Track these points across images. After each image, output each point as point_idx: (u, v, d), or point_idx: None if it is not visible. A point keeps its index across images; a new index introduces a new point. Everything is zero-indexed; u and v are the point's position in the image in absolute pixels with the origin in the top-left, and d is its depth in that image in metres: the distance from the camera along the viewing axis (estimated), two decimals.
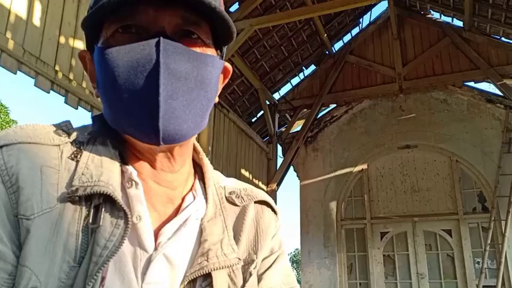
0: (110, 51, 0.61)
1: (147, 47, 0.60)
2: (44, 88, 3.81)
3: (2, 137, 0.61)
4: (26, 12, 3.65)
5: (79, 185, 0.60)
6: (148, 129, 0.60)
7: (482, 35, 7.82)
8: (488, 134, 7.78)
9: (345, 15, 8.51)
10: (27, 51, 3.59)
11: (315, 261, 8.25)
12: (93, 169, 0.63)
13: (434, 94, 8.30)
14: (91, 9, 0.64)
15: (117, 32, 0.63)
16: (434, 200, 7.90)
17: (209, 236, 0.70)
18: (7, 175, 0.58)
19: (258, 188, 0.88)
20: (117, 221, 0.61)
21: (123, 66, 0.60)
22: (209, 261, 0.67)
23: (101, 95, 0.66)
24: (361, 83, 8.52)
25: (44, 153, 0.61)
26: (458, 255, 7.54)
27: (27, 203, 0.58)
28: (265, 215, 0.82)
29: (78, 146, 0.65)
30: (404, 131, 8.29)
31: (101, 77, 0.64)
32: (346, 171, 8.54)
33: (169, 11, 0.63)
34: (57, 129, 0.66)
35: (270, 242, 0.80)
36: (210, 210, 0.73)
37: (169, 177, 0.70)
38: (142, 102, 0.60)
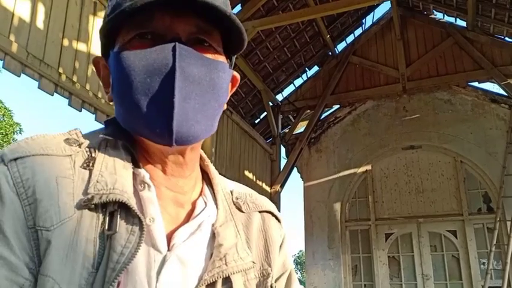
0: (127, 55, 0.64)
1: (163, 51, 0.63)
2: (48, 90, 3.81)
3: (14, 150, 0.62)
4: (30, 15, 3.66)
5: (94, 193, 0.62)
6: (163, 130, 0.63)
7: (485, 34, 7.79)
8: (492, 134, 7.74)
9: (347, 16, 8.50)
10: (30, 53, 3.60)
11: (319, 263, 8.23)
12: (107, 176, 0.64)
13: (438, 94, 8.27)
14: (108, 16, 0.67)
15: (135, 38, 0.66)
16: (439, 201, 7.87)
17: (224, 240, 0.71)
18: (22, 187, 0.59)
19: (261, 189, 0.89)
20: (133, 227, 0.62)
21: (140, 69, 0.63)
22: (228, 265, 0.70)
23: (116, 98, 0.68)
24: (364, 83, 8.50)
25: (57, 164, 0.62)
26: (463, 256, 7.50)
27: (46, 214, 0.59)
28: (272, 225, 0.84)
29: (89, 153, 0.66)
30: (408, 132, 8.27)
31: (117, 80, 0.66)
32: (350, 172, 8.52)
33: (184, 19, 0.66)
34: (67, 138, 0.67)
35: (279, 253, 0.83)
36: (221, 215, 0.75)
37: (179, 182, 0.72)
38: (158, 103, 0.63)
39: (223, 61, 0.70)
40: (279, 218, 0.87)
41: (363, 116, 8.77)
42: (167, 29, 0.66)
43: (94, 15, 4.44)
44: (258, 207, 0.84)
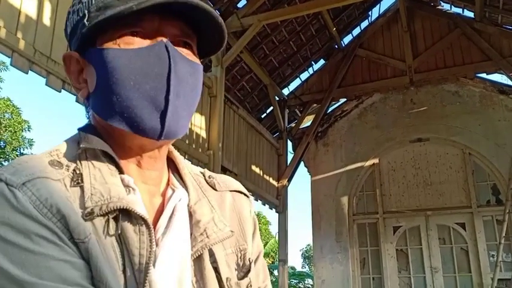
0: (119, 52, 0.68)
1: (157, 50, 0.68)
2: (56, 87, 3.83)
3: (17, 173, 0.63)
4: (36, 12, 3.67)
5: (92, 205, 0.64)
6: (155, 124, 0.67)
7: (493, 25, 7.71)
8: (501, 126, 7.68)
9: (353, 9, 8.44)
10: (38, 50, 3.61)
11: (327, 257, 8.24)
12: (100, 187, 0.66)
13: (446, 86, 8.22)
14: (91, 13, 0.69)
15: (125, 36, 0.69)
16: (447, 194, 7.84)
17: (201, 216, 0.76)
18: (45, 208, 0.61)
19: (269, 184, 0.91)
20: (139, 227, 0.66)
21: (134, 67, 0.67)
22: (209, 237, 0.74)
23: (102, 93, 0.70)
24: (371, 76, 8.46)
25: (58, 186, 0.64)
26: (472, 248, 7.47)
27: (79, 227, 0.61)
28: (243, 204, 0.89)
29: (74, 171, 0.68)
30: (415, 124, 8.23)
31: (106, 76, 0.68)
32: (357, 166, 8.50)
33: (170, 22, 0.71)
34: (50, 161, 0.68)
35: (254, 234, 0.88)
36: (193, 195, 0.79)
37: (152, 175, 0.76)
38: (152, 99, 0.67)
39: (200, 64, 0.75)
40: (249, 197, 0.92)
41: (370, 109, 8.73)
42: (155, 31, 0.70)
43: None
44: (228, 186, 0.88)
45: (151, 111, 0.67)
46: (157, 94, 0.66)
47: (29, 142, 18.88)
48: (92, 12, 0.69)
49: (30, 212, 0.59)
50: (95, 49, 0.70)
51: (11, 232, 0.58)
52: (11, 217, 0.59)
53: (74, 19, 0.73)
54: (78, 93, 0.75)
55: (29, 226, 0.59)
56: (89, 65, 0.72)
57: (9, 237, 0.58)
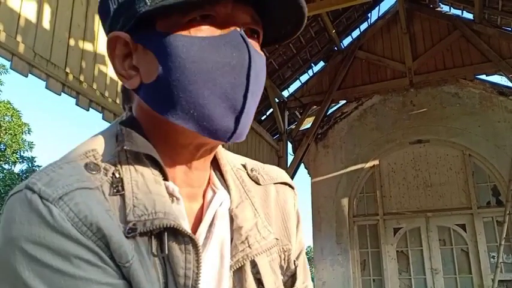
0: (192, 40, 0.59)
1: (236, 43, 0.60)
2: (55, 90, 3.84)
3: (52, 185, 0.55)
4: (36, 16, 3.68)
5: (135, 220, 0.57)
6: (228, 125, 0.60)
7: (493, 27, 7.72)
8: (501, 127, 7.68)
9: (353, 11, 8.46)
10: (37, 54, 3.62)
11: (327, 258, 8.23)
12: (143, 197, 0.59)
13: (446, 88, 8.22)
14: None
15: (195, 20, 0.60)
16: (448, 195, 7.83)
17: (243, 222, 0.69)
18: (84, 225, 0.54)
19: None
20: (185, 246, 0.60)
21: (209, 59, 0.59)
22: (252, 247, 0.68)
23: (166, 85, 0.60)
24: (371, 78, 8.47)
25: (96, 197, 0.57)
26: (473, 250, 7.47)
27: (121, 250, 0.55)
28: (288, 197, 0.82)
29: (113, 175, 0.60)
30: (415, 126, 8.23)
31: (173, 66, 0.59)
32: (357, 168, 8.50)
33: (242, 7, 0.62)
34: (86, 164, 0.60)
35: (297, 229, 0.81)
36: (235, 196, 0.72)
37: (200, 175, 0.69)
38: (227, 96, 0.59)
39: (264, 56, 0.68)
40: (292, 186, 0.85)
41: (370, 111, 8.74)
42: (228, 16, 0.61)
43: None
44: (272, 179, 0.81)
45: (225, 110, 0.59)
46: (234, 91, 0.59)
47: (29, 145, 18.91)
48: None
49: (68, 232, 0.53)
50: (157, 33, 0.60)
51: (48, 254, 0.52)
52: (48, 237, 0.52)
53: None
54: (124, 81, 0.65)
55: (68, 247, 0.53)
56: (145, 50, 0.62)
57: (47, 260, 0.52)
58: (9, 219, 0.54)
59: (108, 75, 4.44)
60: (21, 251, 0.52)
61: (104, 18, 0.68)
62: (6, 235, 0.54)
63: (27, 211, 0.54)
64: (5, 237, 0.54)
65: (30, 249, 0.52)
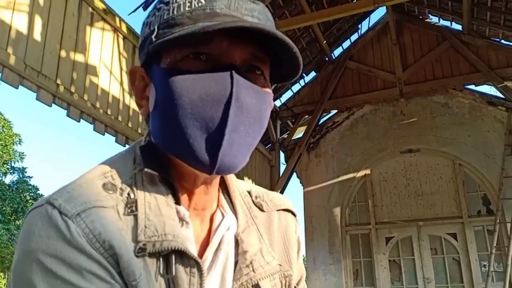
0: (181, 76, 0.62)
1: (220, 78, 0.62)
2: (46, 102, 3.84)
3: (72, 201, 0.59)
4: (27, 27, 3.69)
5: (145, 240, 0.60)
6: (206, 158, 0.62)
7: (481, 38, 7.83)
8: (490, 137, 7.76)
9: (343, 22, 8.55)
10: (28, 65, 3.63)
11: (320, 268, 8.22)
12: (154, 219, 0.62)
13: (435, 98, 8.30)
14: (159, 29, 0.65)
15: (188, 57, 0.64)
16: (439, 204, 7.88)
17: (248, 246, 0.71)
18: (97, 242, 0.57)
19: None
20: (191, 269, 0.63)
21: (193, 93, 0.61)
22: (256, 271, 0.70)
23: (158, 115, 0.66)
24: (361, 88, 8.54)
25: (111, 216, 0.60)
26: (464, 258, 7.50)
27: (129, 268, 0.58)
28: (290, 224, 0.85)
29: (128, 195, 0.64)
30: (406, 136, 8.29)
31: (165, 98, 0.63)
32: (349, 177, 8.53)
33: (240, 45, 0.64)
34: (104, 184, 0.63)
35: (297, 255, 0.84)
36: (242, 222, 0.74)
37: (204, 199, 0.72)
38: (207, 130, 0.61)
39: (270, 92, 0.69)
40: (294, 213, 0.87)
41: (361, 121, 8.79)
42: (223, 54, 0.64)
43: (91, 25, 4.47)
44: (276, 206, 0.84)
45: (203, 144, 0.61)
46: (213, 125, 0.61)
47: (20, 155, 18.77)
48: (161, 28, 0.65)
49: (83, 247, 0.56)
50: (158, 67, 0.66)
51: (62, 267, 0.55)
52: (64, 251, 0.56)
53: (146, 32, 0.69)
54: (139, 108, 0.72)
55: (81, 262, 0.56)
56: (151, 82, 0.68)
57: (60, 273, 0.55)
58: (29, 232, 0.58)
59: (99, 86, 4.45)
60: (38, 263, 0.56)
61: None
62: (25, 247, 0.57)
63: (47, 225, 0.57)
64: (23, 250, 0.58)
65: (46, 261, 0.55)
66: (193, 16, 0.63)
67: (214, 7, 0.63)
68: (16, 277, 0.58)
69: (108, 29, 4.73)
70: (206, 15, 0.63)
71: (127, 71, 4.94)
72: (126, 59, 4.97)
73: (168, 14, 0.65)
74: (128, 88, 4.90)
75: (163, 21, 0.65)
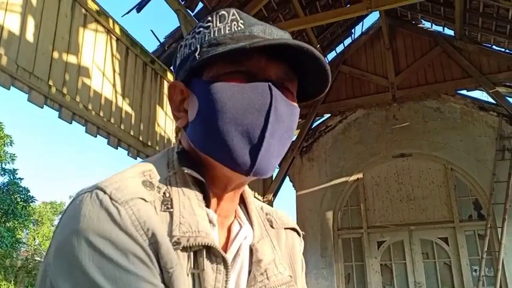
0: (225, 86, 0.69)
1: (261, 89, 0.69)
2: (38, 103, 3.81)
3: (121, 190, 0.64)
4: (19, 28, 3.66)
5: (180, 235, 0.65)
6: (247, 160, 0.68)
7: (473, 43, 7.90)
8: (482, 142, 7.82)
9: (337, 26, 8.58)
10: (20, 66, 3.60)
11: (312, 272, 8.21)
12: (188, 217, 0.67)
13: (428, 103, 8.35)
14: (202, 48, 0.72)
15: (231, 72, 0.71)
16: (430, 208, 7.91)
17: (263, 255, 0.77)
18: (141, 229, 0.62)
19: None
20: (217, 266, 0.68)
21: (236, 102, 0.68)
22: (270, 279, 0.75)
23: (201, 122, 0.71)
24: (354, 92, 8.58)
25: (151, 209, 0.65)
26: (455, 263, 7.53)
27: (168, 256, 0.63)
28: (295, 243, 0.90)
29: (164, 194, 0.69)
30: (398, 140, 8.33)
31: (209, 108, 0.70)
32: (341, 181, 8.55)
33: (276, 63, 0.72)
34: (143, 181, 0.68)
35: (302, 273, 0.89)
36: (257, 232, 0.80)
37: (229, 206, 0.78)
38: (248, 134, 0.68)
39: (298, 107, 0.76)
40: (300, 235, 0.93)
41: (354, 125, 8.82)
42: (261, 70, 0.71)
43: (84, 27, 4.45)
44: (284, 224, 0.89)
45: (244, 146, 0.68)
46: (254, 130, 0.68)
47: (11, 157, 18.61)
48: (204, 47, 0.72)
49: (131, 231, 0.61)
50: (201, 81, 0.72)
51: (110, 248, 0.59)
52: (113, 233, 0.60)
53: (185, 52, 0.76)
54: (177, 121, 0.78)
55: (128, 245, 0.60)
56: (193, 95, 0.74)
57: (108, 252, 0.59)
58: (78, 213, 0.62)
59: (92, 88, 4.43)
60: (86, 241, 0.60)
61: (174, 70, 0.81)
62: (73, 226, 0.61)
63: (98, 208, 0.62)
64: (71, 228, 0.61)
65: (95, 240, 0.60)
66: (235, 37, 0.71)
67: (253, 31, 0.72)
68: (61, 254, 0.61)
69: (101, 30, 4.71)
70: (246, 37, 0.71)
71: (120, 72, 4.92)
72: (119, 61, 4.94)
73: (210, 35, 0.73)
74: (120, 90, 4.88)
75: (205, 41, 0.73)
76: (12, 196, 18.24)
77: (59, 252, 0.61)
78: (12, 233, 17.40)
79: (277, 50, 0.70)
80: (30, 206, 19.76)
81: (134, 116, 5.05)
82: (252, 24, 0.73)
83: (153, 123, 5.42)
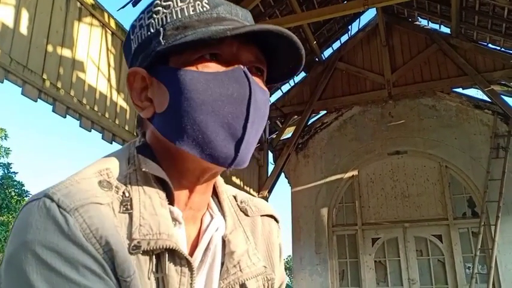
0: (200, 75, 0.65)
1: (238, 78, 0.66)
2: (32, 97, 3.78)
3: (70, 196, 0.59)
4: (13, 21, 3.63)
5: (140, 238, 0.61)
6: (229, 152, 0.65)
7: (469, 41, 7.91)
8: (476, 140, 7.85)
9: (334, 23, 8.57)
10: (14, 59, 3.57)
11: (306, 268, 8.24)
12: (149, 218, 0.63)
13: (423, 100, 8.37)
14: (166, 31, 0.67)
15: (203, 58, 0.66)
16: (425, 206, 7.94)
17: (236, 247, 0.73)
18: (94, 237, 0.57)
19: (249, 195, 0.90)
20: (182, 268, 0.64)
21: (213, 91, 0.64)
22: (243, 271, 0.72)
23: (174, 114, 0.66)
24: (350, 89, 8.57)
25: (107, 213, 0.61)
26: (449, 260, 7.57)
27: (124, 265, 0.59)
28: (273, 229, 0.86)
29: (123, 194, 0.64)
30: (394, 137, 8.34)
31: (182, 97, 0.65)
32: (337, 178, 8.56)
33: (247, 47, 0.69)
34: (100, 181, 0.64)
35: (279, 261, 0.86)
36: (230, 223, 0.76)
37: (201, 199, 0.74)
38: (228, 125, 0.65)
39: (268, 91, 0.73)
40: (277, 219, 0.89)
41: (349, 122, 8.83)
42: (233, 56, 0.67)
43: (79, 20, 4.42)
44: (260, 211, 0.85)
45: (226, 138, 0.64)
46: (235, 121, 0.65)
47: (5, 151, 18.53)
48: (168, 30, 0.67)
49: (80, 241, 0.56)
50: (170, 69, 0.67)
51: (58, 260, 0.55)
52: (60, 244, 0.56)
53: (143, 34, 0.70)
54: (140, 111, 0.72)
55: (77, 256, 0.56)
56: (159, 84, 0.68)
57: (56, 266, 0.55)
58: (26, 224, 0.58)
59: (86, 82, 4.40)
60: (33, 254, 0.55)
61: (126, 55, 0.76)
62: (21, 239, 0.57)
63: (45, 218, 0.57)
64: (19, 241, 0.57)
65: (42, 253, 0.55)
66: (202, 19, 0.67)
67: (219, 12, 0.68)
68: (9, 268, 0.57)
69: (96, 24, 4.68)
70: (214, 19, 0.67)
71: (115, 67, 4.89)
72: (114, 55, 4.92)
73: (172, 16, 0.67)
74: (115, 85, 4.85)
75: (167, 23, 0.67)
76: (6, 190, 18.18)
77: (8, 266, 0.57)
78: (6, 227, 17.35)
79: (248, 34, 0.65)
80: (24, 200, 19.69)
81: (129, 111, 5.03)
82: (217, 5, 0.68)
83: None
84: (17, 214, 0.63)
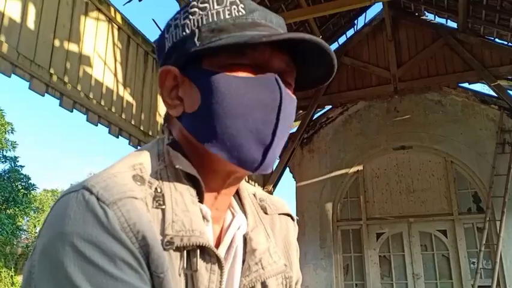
0: (234, 80, 0.66)
1: (270, 85, 0.67)
2: (39, 91, 3.81)
3: (109, 190, 0.59)
4: (20, 16, 3.65)
5: (173, 234, 0.61)
6: (256, 157, 0.66)
7: (476, 36, 7.86)
8: (482, 135, 7.82)
9: (339, 17, 8.53)
10: (21, 54, 3.59)
11: (311, 263, 8.26)
12: (181, 214, 0.64)
13: (429, 95, 8.34)
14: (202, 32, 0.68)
15: (236, 63, 0.67)
16: (430, 201, 7.93)
17: (257, 245, 0.74)
18: (131, 231, 0.58)
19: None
20: (212, 266, 0.65)
21: (245, 96, 0.65)
22: (264, 269, 0.73)
23: (205, 115, 0.67)
24: (356, 84, 8.54)
25: (142, 207, 0.61)
26: (453, 255, 7.57)
27: (159, 260, 0.59)
28: (290, 228, 0.88)
29: (155, 190, 0.65)
30: (399, 132, 8.32)
31: (214, 99, 0.66)
32: (341, 173, 8.56)
33: (279, 54, 0.69)
34: (134, 175, 0.64)
35: (296, 259, 0.87)
36: (251, 221, 0.78)
37: (226, 200, 0.75)
38: (257, 131, 0.65)
39: (296, 99, 0.74)
40: (295, 220, 0.90)
41: (355, 117, 8.82)
42: (265, 62, 0.68)
43: (86, 15, 4.44)
44: (277, 209, 0.86)
45: (255, 144, 0.65)
46: (265, 127, 0.65)
47: (12, 144, 18.65)
48: (204, 32, 0.68)
49: (118, 235, 0.57)
50: (203, 70, 0.68)
51: (96, 253, 0.55)
52: (99, 237, 0.56)
53: (178, 33, 0.71)
54: (170, 109, 0.72)
55: (115, 249, 0.56)
56: (191, 84, 0.69)
57: (93, 258, 0.55)
58: (63, 215, 0.58)
59: (93, 77, 4.42)
60: (71, 245, 0.55)
61: (160, 52, 0.76)
62: (58, 229, 0.57)
63: (84, 210, 0.57)
64: (55, 232, 0.57)
65: (80, 245, 0.55)
66: (238, 24, 0.67)
67: (255, 18, 0.69)
68: (45, 258, 0.57)
69: (103, 19, 4.69)
70: (249, 24, 0.68)
71: (121, 61, 4.91)
72: (121, 49, 4.93)
73: (208, 18, 0.68)
74: (122, 79, 4.87)
75: (203, 25, 0.68)
76: (13, 184, 18.30)
77: (43, 255, 0.58)
78: (12, 220, 17.49)
79: (281, 41, 0.66)
80: (31, 194, 19.85)
81: (135, 106, 5.05)
82: (253, 10, 0.69)
83: (154, 113, 5.43)
84: (52, 205, 0.63)
